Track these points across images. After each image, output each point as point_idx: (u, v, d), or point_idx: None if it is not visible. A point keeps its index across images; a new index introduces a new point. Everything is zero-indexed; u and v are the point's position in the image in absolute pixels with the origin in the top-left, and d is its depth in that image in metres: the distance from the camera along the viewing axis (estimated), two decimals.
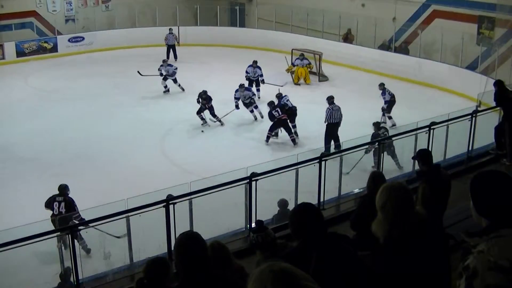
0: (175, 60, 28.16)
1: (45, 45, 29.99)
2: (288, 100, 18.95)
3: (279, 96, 19.07)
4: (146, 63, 26.12)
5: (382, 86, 20.02)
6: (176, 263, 3.75)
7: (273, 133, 18.52)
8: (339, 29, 29.21)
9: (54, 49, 30.12)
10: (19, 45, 29.18)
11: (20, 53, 29.13)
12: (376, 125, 16.03)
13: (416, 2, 26.98)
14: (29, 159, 17.15)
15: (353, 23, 28.60)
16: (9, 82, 25.30)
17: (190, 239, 3.80)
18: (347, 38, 29.23)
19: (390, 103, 19.80)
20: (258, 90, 23.05)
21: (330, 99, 17.56)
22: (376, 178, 7.15)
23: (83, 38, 31.09)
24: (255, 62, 23.61)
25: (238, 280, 4.29)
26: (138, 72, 23.47)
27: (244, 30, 32.95)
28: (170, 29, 29.71)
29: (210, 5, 33.64)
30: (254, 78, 23.32)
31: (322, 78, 25.83)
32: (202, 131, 19.69)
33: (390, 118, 19.77)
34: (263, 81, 23.59)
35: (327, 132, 17.25)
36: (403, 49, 27.04)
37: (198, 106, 19.96)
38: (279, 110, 18.24)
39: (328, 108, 17.42)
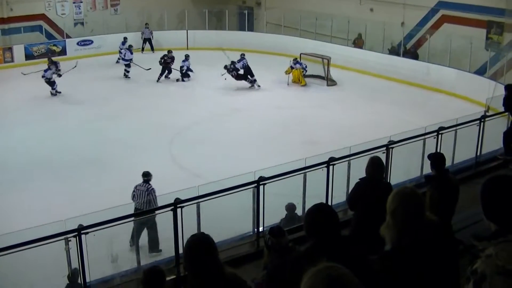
0: (153, 52, 30.99)
1: (54, 48, 30.11)
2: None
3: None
4: (153, 66, 26.24)
5: (241, 55, 25.23)
6: (185, 266, 3.75)
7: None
8: (347, 34, 29.20)
9: (63, 52, 30.20)
10: (28, 48, 29.34)
11: (29, 56, 29.27)
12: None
13: (425, 7, 26.94)
14: (39, 162, 17.14)
15: (361, 28, 28.61)
16: (18, 85, 25.32)
17: (199, 241, 3.79)
18: (356, 43, 29.23)
19: (244, 72, 24.57)
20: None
21: None
22: (375, 163, 7.33)
23: (92, 42, 31.25)
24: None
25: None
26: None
27: (253, 34, 32.98)
28: (146, 24, 31.97)
29: (219, 9, 33.75)
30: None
31: (331, 82, 25.77)
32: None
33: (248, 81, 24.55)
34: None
35: None
36: (412, 54, 26.99)
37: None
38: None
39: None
